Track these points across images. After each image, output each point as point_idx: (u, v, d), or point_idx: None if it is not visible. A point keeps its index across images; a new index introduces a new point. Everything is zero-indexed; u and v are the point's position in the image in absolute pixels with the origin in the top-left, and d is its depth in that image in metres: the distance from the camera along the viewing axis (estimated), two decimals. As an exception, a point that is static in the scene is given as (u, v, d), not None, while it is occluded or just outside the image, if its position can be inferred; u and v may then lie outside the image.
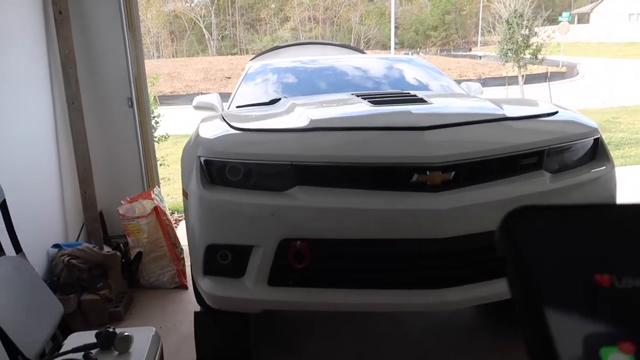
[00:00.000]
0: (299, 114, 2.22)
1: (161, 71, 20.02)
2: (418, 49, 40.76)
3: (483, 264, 1.93)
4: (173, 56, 40.46)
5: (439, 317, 2.77)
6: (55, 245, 3.08)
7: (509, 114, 2.12)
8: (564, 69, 22.37)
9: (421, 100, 2.32)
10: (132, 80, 3.65)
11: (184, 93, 20.05)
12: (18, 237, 2.42)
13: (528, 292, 0.31)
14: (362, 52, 5.68)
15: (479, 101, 2.55)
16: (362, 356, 2.47)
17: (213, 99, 3.69)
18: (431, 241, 1.80)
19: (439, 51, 40.12)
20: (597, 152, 2.14)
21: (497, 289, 1.90)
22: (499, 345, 2.48)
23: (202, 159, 2.00)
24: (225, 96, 3.84)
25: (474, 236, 1.84)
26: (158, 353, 1.82)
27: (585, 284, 0.31)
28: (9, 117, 2.78)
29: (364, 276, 1.91)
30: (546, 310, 0.30)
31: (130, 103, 3.67)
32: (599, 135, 2.15)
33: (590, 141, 2.12)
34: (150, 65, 22.29)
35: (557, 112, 2.21)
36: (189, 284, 3.18)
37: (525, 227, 0.33)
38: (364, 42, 40.59)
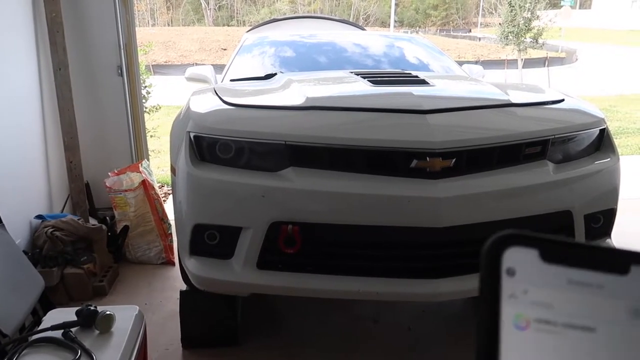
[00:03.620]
0: (295, 91, 2.12)
1: (156, 40, 19.61)
2: (417, 28, 40.25)
3: (479, 255, 1.87)
4: (168, 25, 39.67)
5: (430, 303, 2.73)
6: (39, 216, 2.99)
7: (514, 100, 2.04)
8: (563, 55, 22.18)
9: (423, 82, 2.23)
10: (122, 47, 3.51)
11: (179, 63, 19.69)
12: (0, 207, 2.34)
13: (493, 323, 0.28)
14: (362, 28, 5.55)
15: (483, 85, 2.46)
16: (349, 340, 2.43)
17: (206, 70, 3.57)
18: (428, 230, 1.74)
19: (438, 31, 39.65)
20: (603, 143, 2.07)
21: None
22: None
23: (191, 135, 1.91)
24: (220, 68, 3.72)
25: (472, 226, 1.77)
26: (141, 333, 1.75)
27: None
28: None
29: (357, 263, 1.85)
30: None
31: (119, 71, 3.53)
32: (605, 126, 2.08)
33: (596, 132, 2.05)
34: (145, 33, 21.86)
35: (563, 100, 2.13)
36: (176, 260, 3.11)
37: (509, 256, 0.29)
38: (363, 18, 40.01)
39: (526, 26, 14.06)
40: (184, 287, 2.31)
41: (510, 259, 0.28)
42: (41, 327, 1.62)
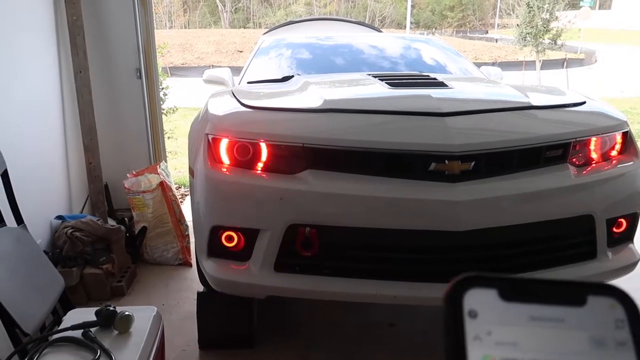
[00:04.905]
0: (312, 93, 2.12)
1: (173, 42, 19.80)
2: (434, 29, 40.03)
3: (498, 259, 1.85)
4: (185, 27, 40.04)
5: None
6: (59, 217, 3.03)
7: (534, 103, 2.01)
8: (582, 56, 21.86)
9: (441, 84, 2.21)
10: (141, 50, 3.55)
11: (195, 65, 19.86)
12: (21, 207, 2.37)
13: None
14: (378, 30, 5.53)
15: (502, 87, 2.44)
16: (365, 344, 2.42)
17: (224, 73, 3.58)
18: (446, 233, 1.72)
19: (454, 32, 39.39)
20: (625, 146, 2.03)
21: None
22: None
23: (209, 137, 1.92)
24: (236, 70, 3.73)
25: (491, 230, 1.75)
26: (159, 333, 1.76)
27: None
28: (13, 84, 2.70)
29: (374, 266, 1.83)
30: None
31: (138, 74, 3.57)
32: (628, 129, 2.04)
33: (618, 134, 2.01)
34: (162, 36, 22.08)
35: (584, 103, 2.09)
36: (193, 261, 3.13)
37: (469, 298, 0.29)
38: (379, 20, 39.91)
39: (544, 27, 13.89)
40: (201, 288, 2.32)
41: (471, 301, 0.29)
42: (61, 326, 1.63)
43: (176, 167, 5.82)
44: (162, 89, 4.94)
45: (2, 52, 2.61)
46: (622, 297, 0.28)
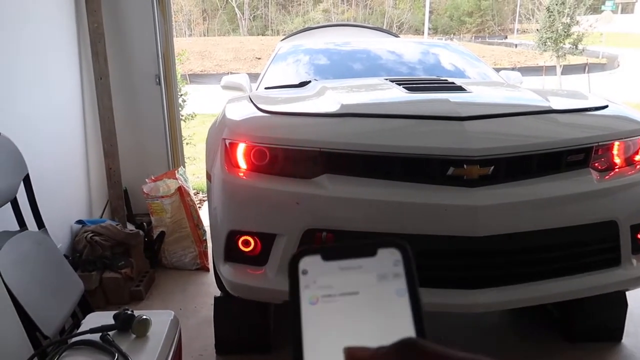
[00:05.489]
0: (329, 98, 2.12)
1: (192, 49, 20.03)
2: (452, 35, 39.83)
3: (518, 265, 1.82)
4: (204, 35, 40.52)
5: (466, 313, 2.66)
6: (79, 221, 3.08)
7: (555, 107, 1.97)
8: (604, 61, 21.51)
9: (459, 88, 2.19)
10: (160, 57, 3.59)
11: (214, 72, 20.06)
12: (42, 211, 2.41)
13: (296, 304, 0.41)
14: (395, 35, 5.52)
15: (522, 91, 2.40)
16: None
17: (241, 79, 3.61)
18: (465, 239, 1.70)
19: (473, 38, 39.13)
20: (650, 151, 1.98)
21: (532, 292, 1.79)
22: (525, 349, 2.37)
23: (227, 142, 1.93)
24: (254, 77, 3.76)
25: (511, 236, 1.72)
26: (176, 338, 1.77)
27: None
28: (36, 90, 2.75)
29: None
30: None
31: (157, 80, 3.62)
32: (652, 133, 1.99)
33: (642, 139, 1.96)
34: (182, 43, 22.37)
35: (607, 107, 2.05)
36: (211, 266, 3.14)
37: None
38: (396, 26, 39.87)
39: (565, 32, 13.73)
40: (218, 293, 2.33)
41: (304, 264, 0.42)
42: (80, 329, 1.65)
43: (194, 173, 5.87)
44: (181, 95, 5.00)
45: (26, 59, 2.66)
46: (399, 245, 0.43)
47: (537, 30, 15.07)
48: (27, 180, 2.33)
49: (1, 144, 2.17)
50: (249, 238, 1.89)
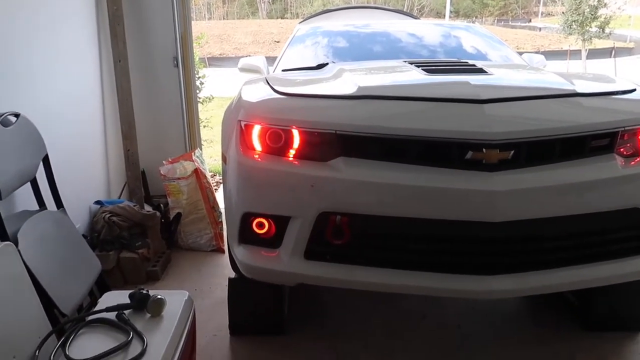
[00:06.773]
0: (346, 80, 2.08)
1: (211, 32, 20.01)
2: (474, 18, 39.02)
3: (537, 252, 1.78)
4: (223, 18, 40.41)
5: (481, 300, 2.63)
6: (98, 202, 3.11)
7: (580, 90, 1.91)
8: (631, 45, 20.86)
9: (480, 71, 2.13)
10: (178, 39, 3.58)
11: (233, 55, 20.05)
12: (61, 192, 2.44)
13: None
14: (416, 18, 5.42)
15: (545, 74, 2.33)
16: (396, 335, 2.38)
17: (259, 61, 3.58)
18: (482, 225, 1.66)
19: (495, 21, 38.29)
20: (678, 136, 1.91)
21: (549, 280, 1.75)
22: (542, 336, 2.34)
23: (242, 123, 1.91)
24: (272, 60, 3.73)
25: (529, 222, 1.68)
26: (190, 318, 1.78)
27: None
28: (56, 72, 2.77)
29: (406, 257, 1.79)
30: None
31: (175, 63, 3.61)
32: (681, 118, 1.91)
33: (670, 124, 1.89)
34: (201, 27, 22.37)
35: (634, 90, 1.98)
36: (226, 248, 3.16)
37: None
38: (417, 9, 39.19)
39: (592, 14, 13.35)
40: (232, 274, 2.34)
41: None
42: (97, 308, 1.67)
43: (211, 155, 5.89)
44: (199, 77, 5.00)
45: (45, 41, 2.68)
46: None
47: (563, 13, 14.67)
48: (46, 161, 2.36)
49: (21, 124, 2.19)
50: (264, 220, 1.88)
